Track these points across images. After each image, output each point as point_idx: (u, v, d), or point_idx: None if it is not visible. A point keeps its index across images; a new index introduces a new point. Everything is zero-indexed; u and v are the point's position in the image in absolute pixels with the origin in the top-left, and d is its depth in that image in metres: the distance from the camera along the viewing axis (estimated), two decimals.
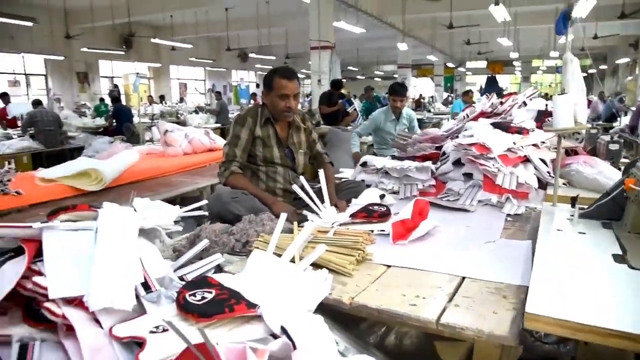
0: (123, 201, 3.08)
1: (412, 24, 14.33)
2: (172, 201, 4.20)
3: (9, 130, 7.85)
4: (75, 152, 6.98)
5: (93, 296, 1.07)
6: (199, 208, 1.71)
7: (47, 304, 1.07)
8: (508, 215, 2.22)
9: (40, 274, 1.15)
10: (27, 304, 1.17)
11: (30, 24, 9.09)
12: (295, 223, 1.75)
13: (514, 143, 2.48)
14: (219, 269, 1.60)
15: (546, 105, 3.08)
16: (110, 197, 3.18)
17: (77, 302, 1.11)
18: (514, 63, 24.05)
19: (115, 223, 1.22)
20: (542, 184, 2.51)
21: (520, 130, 2.58)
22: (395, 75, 20.84)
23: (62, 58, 12.99)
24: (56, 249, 1.14)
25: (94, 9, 11.24)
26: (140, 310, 1.17)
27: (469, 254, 1.67)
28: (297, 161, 2.48)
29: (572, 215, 1.84)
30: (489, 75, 26.47)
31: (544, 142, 2.66)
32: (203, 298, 1.11)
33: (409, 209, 1.85)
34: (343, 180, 2.71)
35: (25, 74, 14.06)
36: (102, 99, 12.82)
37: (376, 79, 26.77)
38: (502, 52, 19.80)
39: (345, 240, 1.56)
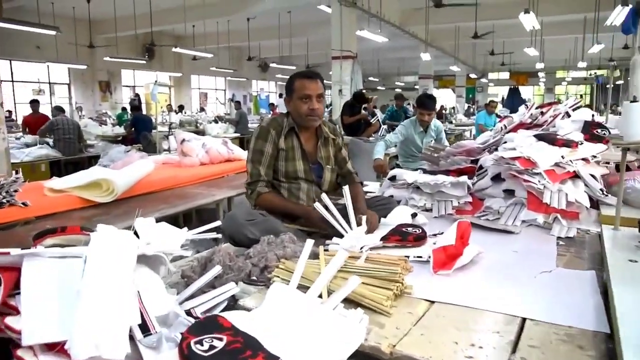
0: (135, 214, 2.91)
1: (435, 34, 14.09)
2: (187, 214, 4.05)
3: (26, 138, 7.73)
4: (94, 161, 6.91)
5: (77, 342, 0.87)
6: (213, 230, 1.51)
7: (20, 352, 0.87)
8: (559, 238, 1.97)
9: (17, 311, 0.95)
10: (2, 346, 0.98)
11: (54, 32, 9.12)
12: (321, 247, 1.53)
13: (563, 157, 2.23)
14: (233, 299, 1.40)
15: (592, 115, 2.81)
16: (122, 209, 3.02)
17: (58, 347, 0.91)
18: (539, 74, 23.54)
19: (109, 250, 1.02)
20: (594, 203, 2.26)
21: (569, 143, 2.32)
22: (417, 87, 20.57)
23: (85, 67, 13.09)
24: (36, 282, 0.95)
25: (117, 19, 11.30)
26: (136, 356, 0.97)
27: (523, 286, 1.43)
28: (324, 178, 2.25)
29: None
30: (511, 87, 26.03)
31: (595, 157, 2.40)
32: (211, 347, 0.90)
33: (451, 232, 1.61)
34: (371, 196, 2.48)
35: (49, 83, 14.21)
36: (124, 108, 12.87)
37: (397, 90, 26.50)
38: (526, 63, 19.38)
39: (381, 270, 1.33)
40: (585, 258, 1.70)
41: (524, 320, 1.20)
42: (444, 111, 17.18)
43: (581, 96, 26.58)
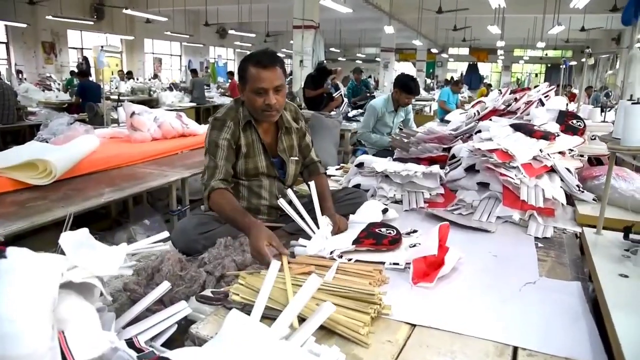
0: (78, 198, 2.61)
1: (398, 7, 13.88)
2: (138, 196, 3.76)
3: None
4: (35, 130, 6.39)
5: None
6: (162, 240, 1.29)
7: None
8: (536, 238, 1.87)
9: None
10: None
11: None
12: (285, 259, 1.35)
13: (541, 150, 2.12)
14: (185, 320, 1.20)
15: (567, 104, 2.73)
16: (62, 192, 2.71)
17: None
18: (498, 52, 23.84)
19: (21, 281, 0.80)
20: (568, 199, 2.17)
21: (547, 135, 2.21)
22: (378, 59, 20.38)
23: (25, 26, 12.07)
24: None
25: None
26: None
27: (509, 304, 1.30)
28: (288, 172, 2.01)
29: (627, 250, 1.49)
30: (470, 63, 26.34)
31: (572, 150, 2.31)
32: None
33: (433, 239, 1.46)
34: (338, 189, 2.28)
35: None
36: (73, 72, 12.00)
37: (358, 61, 26.24)
38: (486, 40, 19.52)
39: (356, 290, 1.16)
40: (567, 265, 1.60)
41: (515, 349, 1.08)
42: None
43: (536, 75, 27.30)
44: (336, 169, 3.15)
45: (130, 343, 1.06)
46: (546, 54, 24.57)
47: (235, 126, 1.85)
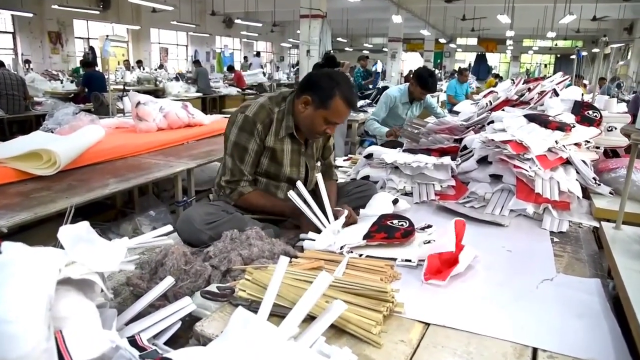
0: (82, 189, 2.58)
1: None
2: (143, 187, 3.72)
3: None
4: (42, 119, 6.38)
5: None
6: (165, 234, 1.25)
7: None
8: (551, 233, 1.81)
9: None
10: None
11: None
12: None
13: (556, 142, 2.05)
14: (189, 316, 1.16)
15: (582, 94, 2.65)
16: (66, 182, 2.68)
17: None
18: (507, 42, 23.53)
19: (16, 279, 0.75)
20: (583, 192, 2.11)
21: (562, 127, 2.14)
22: (385, 49, 20.20)
23: (31, 15, 12.03)
24: None
25: None
26: None
27: (526, 302, 1.25)
28: (310, 178, 1.92)
29: None
30: (478, 53, 26.04)
31: (588, 142, 2.24)
32: None
33: (449, 234, 1.40)
34: (347, 181, 2.23)
35: None
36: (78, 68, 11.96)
37: (365, 51, 26.01)
38: (495, 30, 19.27)
39: (367, 287, 1.12)
40: (585, 260, 1.55)
41: (535, 350, 1.02)
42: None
43: (545, 65, 26.97)
44: (344, 160, 3.10)
45: (132, 341, 1.02)
46: (556, 44, 24.22)
47: (264, 129, 1.77)
